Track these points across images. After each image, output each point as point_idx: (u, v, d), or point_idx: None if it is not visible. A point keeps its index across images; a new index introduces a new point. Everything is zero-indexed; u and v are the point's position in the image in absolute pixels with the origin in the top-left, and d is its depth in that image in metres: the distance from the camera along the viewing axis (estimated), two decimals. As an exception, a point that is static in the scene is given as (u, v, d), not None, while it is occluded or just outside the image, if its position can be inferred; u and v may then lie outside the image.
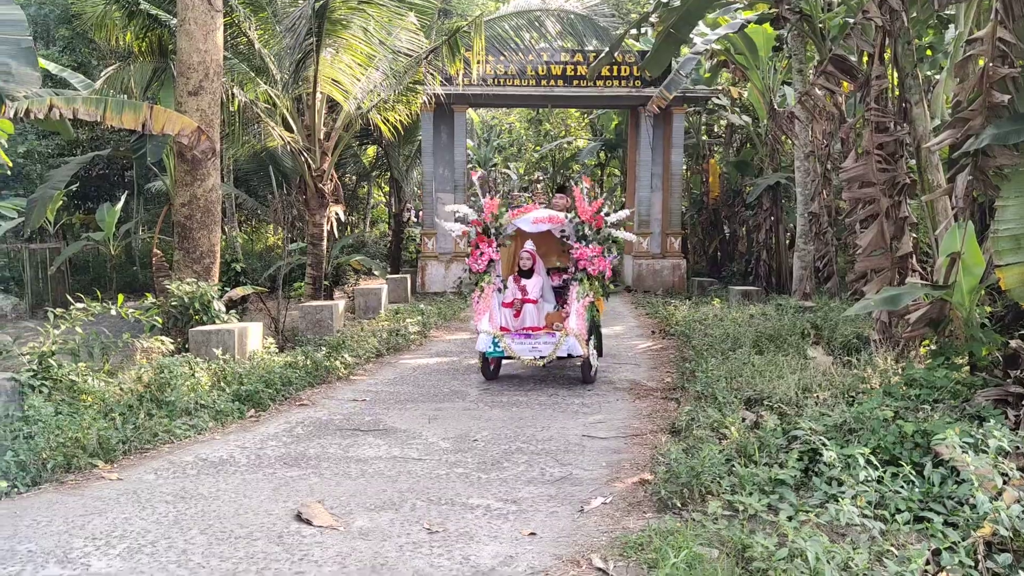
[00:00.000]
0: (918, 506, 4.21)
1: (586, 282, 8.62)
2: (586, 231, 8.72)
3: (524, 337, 8.61)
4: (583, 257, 8.66)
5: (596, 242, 8.72)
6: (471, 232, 9.05)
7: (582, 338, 8.39)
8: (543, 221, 9.04)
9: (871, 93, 8.31)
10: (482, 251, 8.89)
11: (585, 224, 8.74)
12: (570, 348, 8.39)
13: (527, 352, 8.52)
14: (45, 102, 8.45)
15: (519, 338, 8.60)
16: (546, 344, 8.48)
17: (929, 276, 8.23)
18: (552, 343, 8.45)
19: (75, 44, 19.21)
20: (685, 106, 19.58)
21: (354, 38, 12.38)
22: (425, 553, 4.22)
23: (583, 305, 8.49)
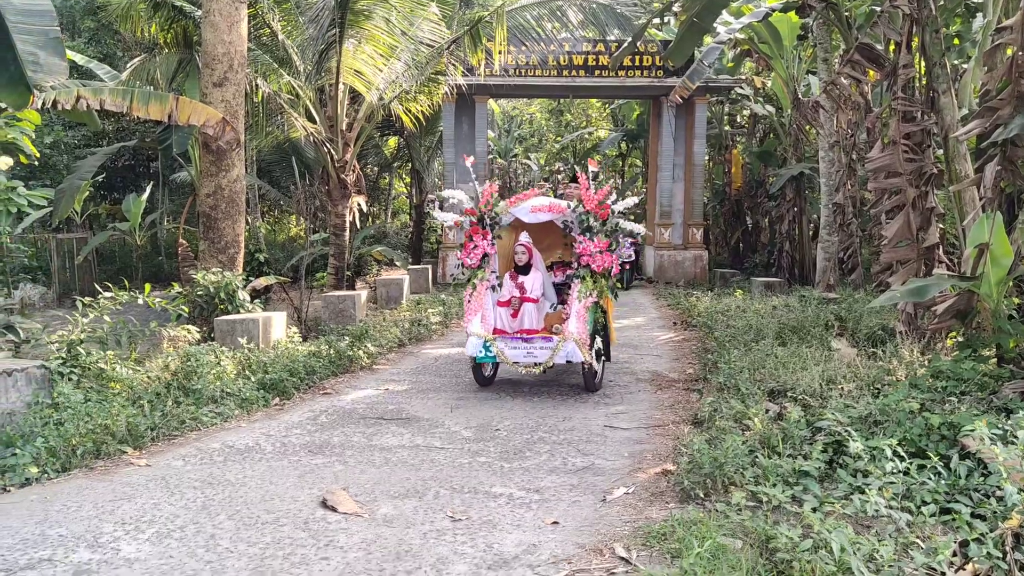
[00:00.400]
0: (944, 498, 4.19)
1: (589, 280, 7.71)
2: (591, 222, 7.78)
3: (519, 341, 7.78)
4: (586, 252, 7.75)
5: (603, 235, 7.79)
6: (464, 222, 8.18)
7: (583, 343, 7.51)
8: (543, 210, 8.09)
9: (898, 82, 8.22)
10: (475, 244, 8.02)
11: (590, 214, 7.78)
12: (569, 354, 7.53)
13: (521, 357, 7.70)
14: (73, 93, 8.56)
15: (513, 342, 7.76)
16: (543, 349, 7.65)
17: (956, 267, 8.15)
18: (549, 348, 7.61)
19: (100, 36, 19.41)
20: (708, 96, 19.45)
21: (376, 29, 12.40)
22: (449, 540, 4.26)
23: (585, 306, 7.62)
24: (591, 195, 7.81)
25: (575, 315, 7.58)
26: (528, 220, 8.22)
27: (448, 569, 3.90)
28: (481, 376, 8.27)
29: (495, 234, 8.18)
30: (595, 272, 7.76)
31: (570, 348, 7.50)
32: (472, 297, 7.95)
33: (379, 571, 3.87)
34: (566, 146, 33.61)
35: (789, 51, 16.38)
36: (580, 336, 7.50)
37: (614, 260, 7.86)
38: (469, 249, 8.04)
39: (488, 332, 7.81)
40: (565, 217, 8.11)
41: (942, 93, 7.96)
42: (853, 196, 14.58)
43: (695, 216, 19.72)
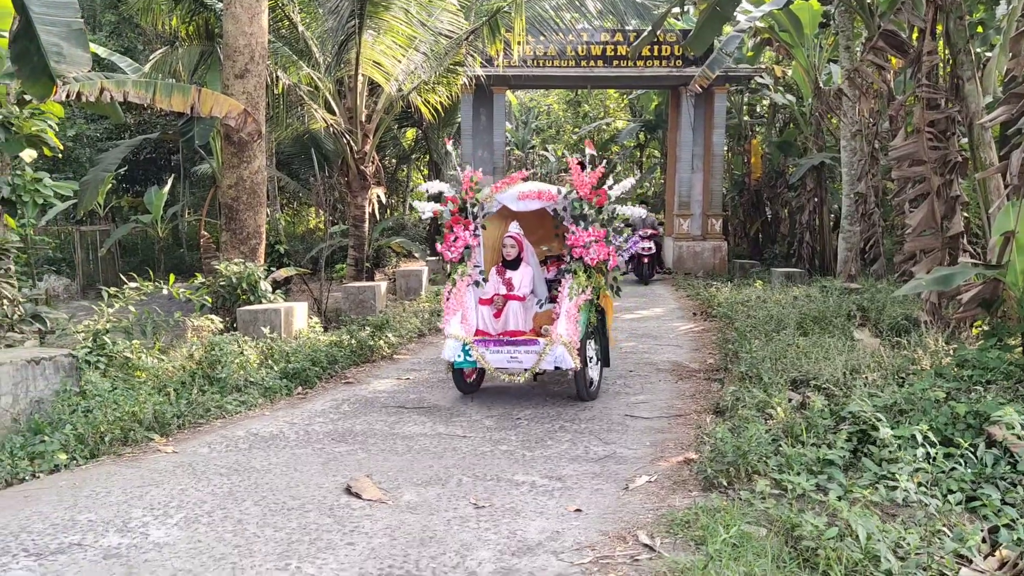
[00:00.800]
0: (970, 487, 4.17)
1: (581, 275, 6.87)
2: (585, 209, 6.96)
3: (501, 344, 6.95)
4: (578, 243, 6.90)
5: (598, 223, 6.99)
6: (443, 212, 7.31)
7: (573, 347, 6.67)
8: (531, 197, 7.22)
9: (922, 69, 8.14)
10: (456, 235, 7.20)
11: (583, 201, 6.97)
12: (557, 359, 6.66)
13: (505, 363, 6.88)
14: (96, 85, 8.63)
15: (495, 346, 6.93)
16: (527, 354, 6.79)
17: (981, 256, 8.07)
18: (535, 352, 6.76)
19: (121, 29, 19.55)
20: (727, 86, 19.32)
21: (395, 19, 12.42)
22: (472, 527, 4.28)
23: (576, 305, 6.77)
24: (584, 179, 7.01)
25: (565, 315, 6.74)
26: (516, 208, 7.36)
27: (472, 555, 3.92)
28: (463, 383, 7.50)
29: (478, 224, 7.38)
30: (589, 266, 6.95)
31: (558, 352, 6.63)
32: (451, 295, 7.15)
33: (404, 556, 3.90)
34: (584, 137, 33.46)
35: (810, 39, 16.23)
36: (570, 339, 6.66)
37: (611, 252, 7.06)
38: (449, 241, 7.23)
39: (468, 334, 6.99)
40: (556, 204, 7.26)
41: (967, 80, 7.87)
42: (875, 185, 14.45)
43: (714, 207, 19.63)
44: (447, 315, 7.08)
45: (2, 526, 4.33)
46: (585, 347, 6.97)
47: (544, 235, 8.21)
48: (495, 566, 3.80)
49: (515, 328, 7.20)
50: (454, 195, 7.29)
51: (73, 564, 3.84)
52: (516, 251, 7.46)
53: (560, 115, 37.35)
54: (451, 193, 7.31)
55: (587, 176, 7.02)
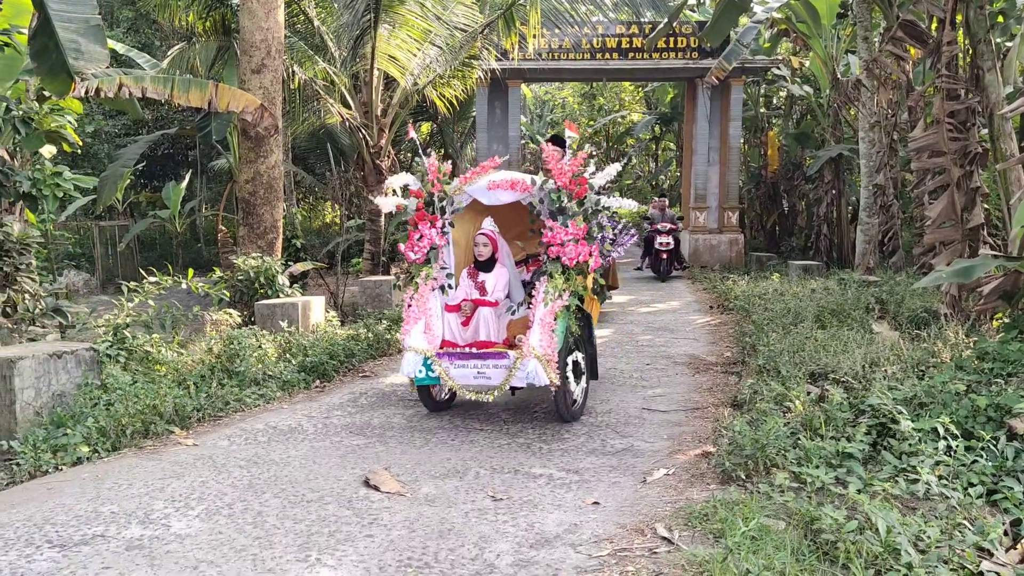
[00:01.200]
0: (991, 480, 4.14)
1: (558, 277, 5.96)
2: (564, 201, 6.03)
3: (467, 358, 6.04)
4: (555, 240, 6.01)
5: (579, 217, 6.09)
6: (407, 207, 6.53)
7: (549, 361, 5.75)
8: (502, 187, 6.31)
9: (942, 59, 8.06)
10: (421, 233, 6.37)
11: (562, 192, 6.04)
12: (530, 376, 5.73)
13: (470, 379, 6.00)
14: (115, 81, 8.70)
15: (460, 360, 6.03)
16: (496, 369, 5.90)
17: (1001, 248, 8.00)
18: (505, 367, 5.87)
19: (138, 25, 19.68)
20: (744, 77, 19.18)
21: (410, 13, 12.43)
22: (491, 520, 4.30)
23: (551, 312, 5.84)
24: (563, 166, 6.13)
25: (538, 324, 5.84)
26: (486, 201, 6.47)
27: (490, 547, 3.94)
28: (431, 401, 6.61)
29: (446, 220, 6.54)
30: (567, 267, 6.04)
31: (531, 368, 5.72)
32: (414, 300, 6.27)
33: (422, 549, 3.93)
34: (599, 130, 33.40)
35: (828, 30, 16.10)
36: (544, 351, 5.75)
37: (592, 251, 6.18)
38: (413, 240, 6.39)
39: (431, 345, 6.15)
40: (532, 196, 6.31)
41: (987, 71, 7.79)
42: (894, 177, 14.32)
43: (730, 199, 19.52)
44: (407, 324, 6.21)
45: (26, 518, 4.39)
46: (565, 360, 6.08)
47: (521, 232, 7.33)
48: (513, 558, 3.81)
49: (486, 338, 6.31)
50: (419, 188, 6.49)
51: (96, 555, 3.88)
52: (490, 250, 6.58)
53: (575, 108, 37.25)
54: (417, 186, 6.51)
55: (567, 163, 6.15)
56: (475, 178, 6.43)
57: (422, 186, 6.50)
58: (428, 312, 6.27)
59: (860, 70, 13.40)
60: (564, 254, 6.01)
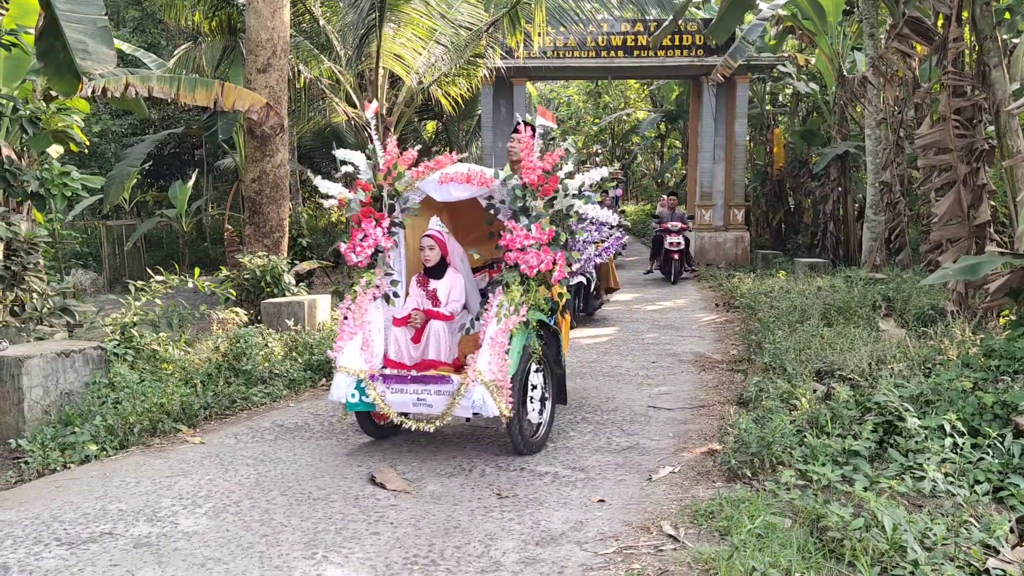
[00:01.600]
0: (998, 478, 4.13)
1: (515, 288, 5.16)
2: (528, 200, 5.24)
3: (405, 382, 5.22)
4: (512, 245, 5.21)
5: (545, 220, 5.28)
6: (351, 201, 5.65)
7: (500, 387, 4.96)
8: (456, 181, 5.45)
9: (948, 56, 8.05)
10: (365, 232, 5.50)
11: (527, 189, 5.24)
12: (476, 405, 4.97)
13: (408, 406, 5.22)
14: (121, 81, 8.73)
15: (397, 383, 5.21)
16: (439, 396, 5.11)
17: (1008, 245, 7.98)
18: (448, 394, 5.07)
19: (144, 25, 19.74)
20: (749, 75, 19.13)
21: (415, 12, 12.43)
22: (496, 517, 4.31)
23: (505, 329, 5.06)
24: (533, 160, 5.31)
25: (488, 343, 5.03)
26: (438, 197, 5.60)
27: (496, 545, 3.95)
28: (374, 427, 5.71)
29: (396, 219, 5.71)
30: (527, 276, 5.23)
31: (477, 396, 4.93)
32: (350, 312, 5.44)
33: (429, 546, 3.94)
34: (604, 128, 33.39)
35: (834, 27, 16.05)
36: (494, 376, 4.96)
37: (557, 259, 5.36)
38: (356, 241, 5.52)
39: (371, 365, 5.33)
40: (491, 192, 5.48)
41: (993, 67, 7.76)
42: (901, 174, 14.29)
43: (736, 197, 19.48)
44: (340, 339, 5.37)
45: (35, 516, 4.41)
46: (524, 385, 5.29)
47: (481, 234, 6.37)
48: (519, 556, 3.82)
49: (436, 356, 5.50)
50: (368, 180, 5.61)
51: (104, 553, 3.91)
52: (437, 254, 5.71)
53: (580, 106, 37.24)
54: (366, 177, 5.63)
55: (537, 159, 5.35)
56: (429, 172, 5.57)
57: (372, 177, 5.60)
58: (367, 326, 5.40)
59: (866, 67, 13.36)
60: (523, 261, 5.18)
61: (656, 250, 16.29)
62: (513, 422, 5.17)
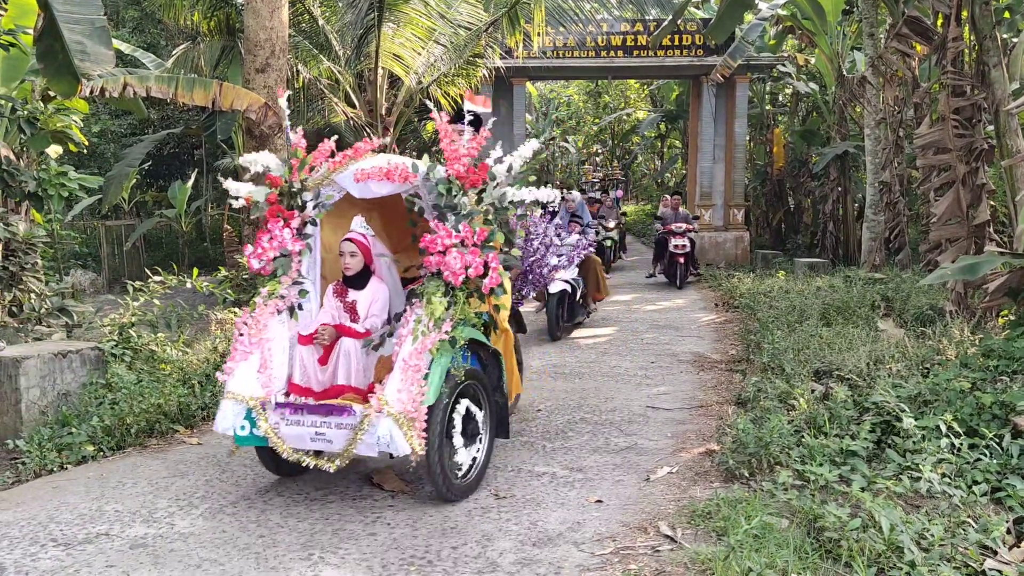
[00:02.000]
0: (996, 478, 4.12)
1: (436, 301, 4.37)
2: (455, 196, 4.52)
3: (302, 412, 4.41)
4: (433, 247, 4.46)
5: (474, 218, 4.55)
6: (257, 197, 4.83)
7: (411, 420, 4.13)
8: (373, 176, 4.65)
9: (947, 56, 8.04)
10: (272, 234, 4.74)
11: (454, 183, 4.54)
12: (382, 441, 4.13)
13: (306, 441, 4.37)
14: (119, 81, 8.72)
15: (293, 413, 4.41)
16: (340, 429, 4.28)
17: (1007, 245, 7.97)
18: (350, 427, 4.25)
19: (144, 25, 19.73)
20: (749, 75, 19.12)
21: (414, 12, 12.41)
22: (493, 518, 4.30)
23: (421, 350, 4.25)
24: (456, 149, 4.60)
25: (400, 368, 4.23)
26: (357, 194, 4.80)
27: (493, 545, 3.95)
28: (272, 460, 4.80)
29: (308, 218, 4.88)
30: (452, 286, 4.45)
31: (383, 430, 4.09)
32: (247, 327, 4.61)
33: (425, 547, 3.93)
34: (604, 128, 33.38)
35: (833, 27, 16.04)
36: (405, 407, 4.12)
37: (490, 261, 4.50)
38: (261, 244, 4.75)
39: (266, 390, 4.48)
40: (415, 187, 4.67)
41: (993, 67, 7.75)
42: (900, 174, 14.27)
43: (736, 197, 19.47)
44: (232, 359, 4.55)
45: (31, 516, 4.41)
46: (448, 415, 4.43)
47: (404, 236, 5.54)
48: (516, 556, 3.82)
49: (345, 381, 4.67)
50: (279, 174, 4.85)
51: (100, 554, 3.90)
52: (359, 261, 4.90)
53: (580, 106, 37.24)
54: (277, 171, 4.88)
55: (463, 145, 4.62)
56: (348, 162, 4.79)
57: (283, 171, 4.87)
58: (267, 343, 4.59)
59: (866, 67, 13.36)
60: (446, 267, 4.40)
61: (659, 253, 15.24)
62: (432, 461, 4.29)
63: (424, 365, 4.26)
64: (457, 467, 4.60)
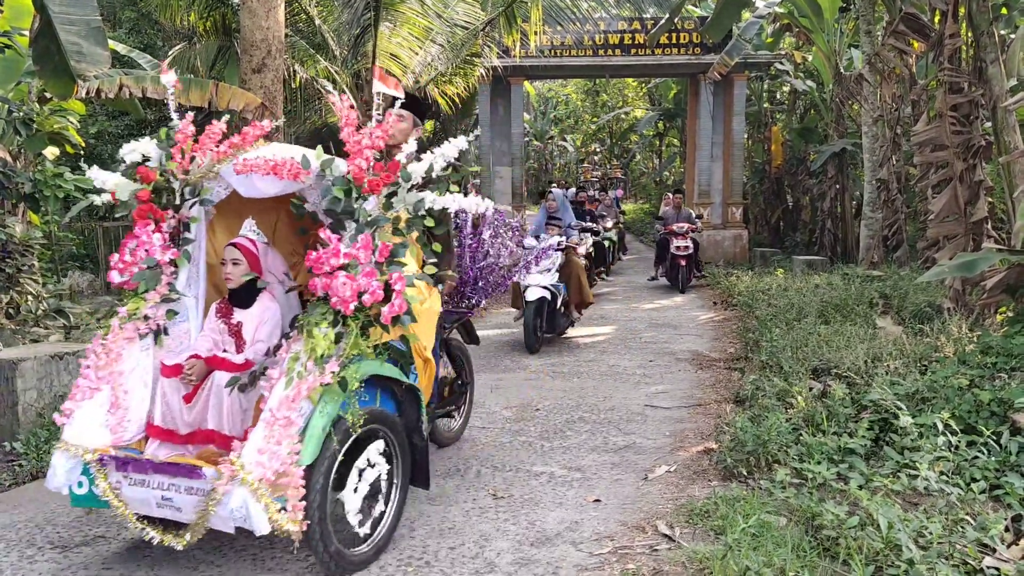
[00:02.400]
0: (994, 475, 4.12)
1: (319, 335, 3.48)
2: (353, 201, 3.62)
3: (146, 470, 3.46)
4: (319, 266, 3.55)
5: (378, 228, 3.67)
6: (122, 194, 3.93)
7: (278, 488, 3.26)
8: (258, 169, 3.66)
9: (944, 53, 8.03)
10: (140, 238, 3.88)
11: (351, 184, 3.63)
12: (237, 516, 3.20)
13: (151, 507, 3.45)
14: (115, 81, 8.71)
15: (136, 471, 3.47)
16: (190, 496, 3.37)
17: (1005, 241, 7.96)
18: (201, 491, 3.34)
19: (140, 26, 19.70)
20: (746, 73, 19.13)
21: (411, 11, 12.41)
22: (491, 518, 4.30)
23: (295, 397, 3.35)
24: (358, 138, 3.70)
25: (265, 423, 3.30)
26: (245, 192, 3.83)
27: (491, 545, 3.94)
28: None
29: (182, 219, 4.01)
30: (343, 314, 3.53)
31: (236, 502, 3.18)
32: (94, 355, 3.69)
33: (423, 547, 3.93)
34: (602, 127, 33.38)
35: (830, 24, 16.04)
36: (263, 474, 3.20)
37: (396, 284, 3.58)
38: (125, 252, 3.87)
39: (115, 436, 3.63)
40: (305, 186, 3.72)
41: (990, 63, 7.74)
42: (898, 172, 14.28)
43: (734, 195, 19.48)
44: (72, 398, 3.63)
45: (28, 519, 4.40)
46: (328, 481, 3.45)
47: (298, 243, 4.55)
48: (514, 556, 3.81)
49: (216, 426, 3.72)
50: (155, 167, 3.94)
51: (97, 556, 3.89)
52: (243, 271, 3.95)
53: (578, 105, 37.24)
54: (158, 160, 3.97)
55: (367, 135, 3.70)
56: (235, 151, 3.82)
57: (161, 163, 3.95)
58: (120, 377, 3.69)
59: (863, 64, 13.36)
60: (333, 291, 3.47)
61: (661, 255, 14.60)
62: (313, 534, 3.38)
63: (300, 416, 3.33)
64: (352, 535, 3.66)
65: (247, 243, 4.03)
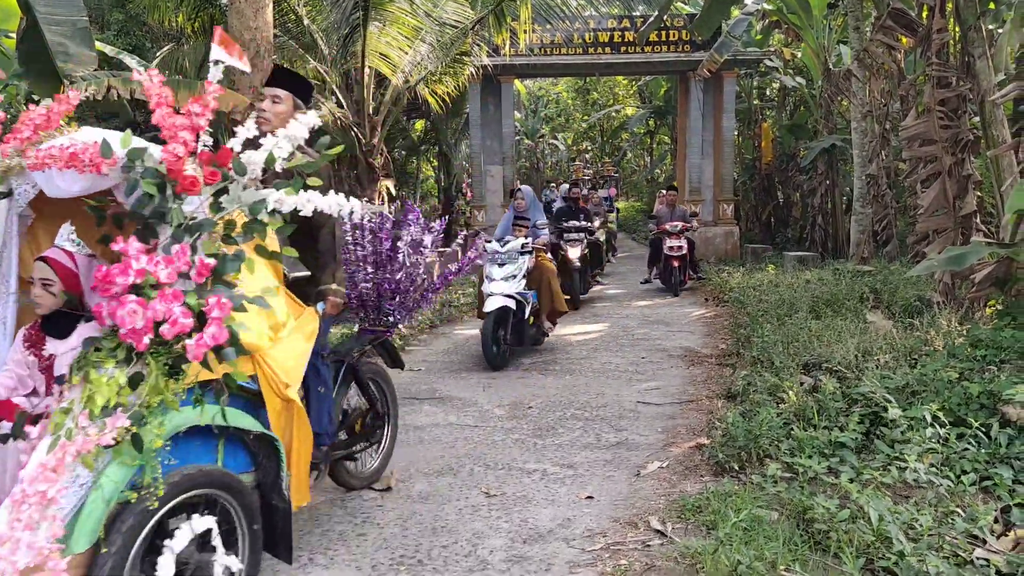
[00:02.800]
0: (984, 467, 4.14)
1: (100, 378, 2.52)
2: (167, 200, 2.70)
3: None
4: (107, 287, 2.54)
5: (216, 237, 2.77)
6: None
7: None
8: (54, 162, 2.70)
9: (932, 47, 8.06)
10: None
11: (166, 179, 2.69)
12: None
13: None
14: (103, 83, 8.68)
15: None
16: None
17: (994, 235, 8.00)
18: None
19: (129, 27, 19.62)
20: (736, 70, 19.17)
21: (400, 10, 12.38)
22: (484, 516, 4.30)
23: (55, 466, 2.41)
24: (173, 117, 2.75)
25: (12, 504, 2.37)
26: (50, 192, 2.89)
27: (484, 543, 3.94)
28: None
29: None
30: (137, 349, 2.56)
31: None
32: None
33: (415, 546, 3.92)
34: (593, 125, 33.41)
35: (819, 20, 16.09)
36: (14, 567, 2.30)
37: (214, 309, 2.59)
38: None
39: None
40: (112, 183, 2.81)
41: (978, 57, 7.77)
42: (887, 167, 14.34)
43: (725, 192, 19.51)
44: None
45: (19, 522, 4.37)
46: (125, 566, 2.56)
47: None
48: (506, 554, 3.81)
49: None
50: None
51: (88, 558, 3.87)
52: (57, 293, 3.09)
53: (569, 103, 37.25)
54: None
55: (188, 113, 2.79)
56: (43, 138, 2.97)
57: None
58: None
59: (852, 60, 13.40)
60: (121, 320, 2.51)
61: (654, 255, 13.90)
62: None
63: (63, 491, 2.46)
64: None
65: (62, 256, 3.12)
